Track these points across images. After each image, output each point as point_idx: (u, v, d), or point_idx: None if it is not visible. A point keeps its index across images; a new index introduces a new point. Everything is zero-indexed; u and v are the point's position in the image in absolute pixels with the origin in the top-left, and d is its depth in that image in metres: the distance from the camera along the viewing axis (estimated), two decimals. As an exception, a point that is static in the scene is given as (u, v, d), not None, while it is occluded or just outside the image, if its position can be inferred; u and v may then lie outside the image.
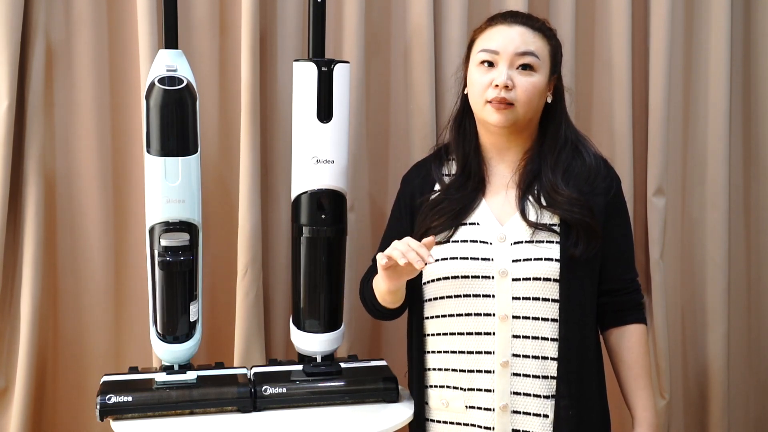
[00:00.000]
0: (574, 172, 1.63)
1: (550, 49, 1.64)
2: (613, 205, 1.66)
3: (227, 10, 1.99)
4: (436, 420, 1.68)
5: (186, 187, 1.69)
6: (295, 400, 1.71)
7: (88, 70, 1.93)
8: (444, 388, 1.66)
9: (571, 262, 1.57)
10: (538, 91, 1.60)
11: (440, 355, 1.66)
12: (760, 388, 2.39)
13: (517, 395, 1.59)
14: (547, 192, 1.61)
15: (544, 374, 1.59)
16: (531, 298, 1.58)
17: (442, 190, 1.68)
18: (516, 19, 1.63)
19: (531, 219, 1.60)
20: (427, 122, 2.04)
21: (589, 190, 1.62)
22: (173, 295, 1.72)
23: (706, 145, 2.26)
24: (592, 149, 1.68)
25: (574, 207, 1.58)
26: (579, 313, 1.59)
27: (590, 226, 1.58)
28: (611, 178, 1.67)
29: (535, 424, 1.59)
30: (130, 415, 1.64)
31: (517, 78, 1.58)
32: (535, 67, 1.60)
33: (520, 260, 1.59)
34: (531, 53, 1.59)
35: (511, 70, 1.59)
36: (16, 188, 1.88)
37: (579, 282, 1.59)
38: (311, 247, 1.78)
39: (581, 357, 1.60)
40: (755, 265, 2.36)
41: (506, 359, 1.59)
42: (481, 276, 1.60)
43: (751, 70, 2.31)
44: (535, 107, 1.62)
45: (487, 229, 1.62)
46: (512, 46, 1.59)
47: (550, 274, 1.58)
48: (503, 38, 1.60)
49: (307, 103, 1.74)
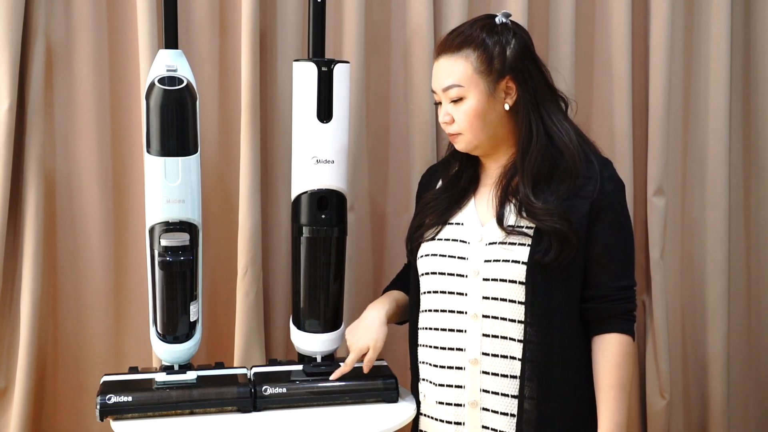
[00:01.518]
0: (552, 177, 1.59)
1: (476, 64, 1.57)
2: (600, 209, 1.59)
3: (227, 10, 1.99)
4: (424, 414, 1.71)
5: (186, 187, 1.69)
6: (295, 400, 1.72)
7: (88, 70, 1.93)
8: (425, 381, 1.69)
9: (539, 266, 1.56)
10: (477, 112, 1.58)
11: (424, 348, 1.69)
12: (760, 388, 2.39)
13: (486, 393, 1.60)
14: (522, 204, 1.59)
15: (512, 374, 1.59)
16: (499, 298, 1.59)
17: (438, 189, 1.72)
18: (440, 50, 1.63)
19: (508, 223, 1.59)
20: (427, 122, 2.05)
21: (569, 193, 1.58)
22: (173, 295, 1.72)
23: (706, 145, 2.26)
24: (582, 147, 1.62)
25: (549, 217, 1.55)
26: (546, 316, 1.57)
27: (565, 235, 1.55)
28: (598, 181, 1.59)
29: (503, 423, 1.60)
30: (130, 415, 1.64)
31: (453, 111, 1.61)
32: (462, 95, 1.59)
33: (491, 261, 1.60)
34: (450, 86, 1.59)
35: (448, 104, 1.61)
36: (16, 188, 1.88)
37: (547, 286, 1.57)
38: (311, 247, 1.78)
39: (547, 359, 1.57)
40: (755, 265, 2.36)
41: (476, 357, 1.60)
42: (456, 274, 1.62)
43: (751, 70, 2.31)
44: (484, 126, 1.60)
45: (469, 229, 1.64)
46: (438, 84, 1.62)
47: (517, 277, 1.57)
48: (435, 76, 1.64)
49: (307, 103, 1.74)
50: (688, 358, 2.33)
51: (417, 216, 1.73)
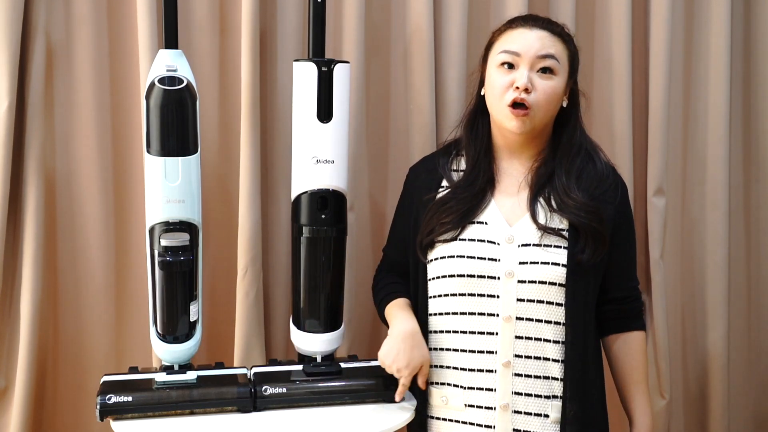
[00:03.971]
0: (586, 178, 1.65)
1: (568, 54, 1.65)
2: (621, 214, 1.67)
3: (227, 10, 1.99)
4: (437, 417, 1.68)
5: (186, 187, 1.69)
6: (295, 400, 1.72)
7: (88, 70, 1.93)
8: (445, 385, 1.66)
9: (578, 267, 1.59)
10: (557, 94, 1.62)
11: (442, 352, 1.67)
12: (760, 388, 2.39)
13: (518, 395, 1.60)
14: (559, 195, 1.62)
15: (545, 375, 1.60)
16: (536, 300, 1.59)
17: (450, 188, 1.69)
18: (536, 23, 1.64)
19: (540, 222, 1.61)
20: (427, 122, 2.04)
21: (599, 197, 1.64)
22: (173, 295, 1.72)
23: (706, 145, 2.26)
24: (603, 157, 1.70)
25: (584, 212, 1.60)
26: (583, 317, 1.61)
27: (599, 232, 1.60)
28: (619, 186, 1.69)
29: (536, 424, 1.60)
30: (130, 415, 1.64)
31: (537, 81, 1.59)
32: (555, 70, 1.61)
33: (527, 263, 1.59)
34: (551, 56, 1.60)
35: (532, 72, 1.60)
36: (16, 188, 1.88)
37: (584, 287, 1.61)
38: (311, 247, 1.78)
39: (585, 359, 1.61)
40: (755, 265, 2.36)
41: (508, 359, 1.60)
42: (487, 276, 1.61)
43: (751, 70, 2.31)
44: (552, 111, 1.63)
45: (496, 229, 1.63)
46: (533, 48, 1.60)
47: (557, 279, 1.58)
48: (524, 40, 1.61)
49: (307, 103, 1.74)
50: (688, 358, 2.33)
51: (431, 217, 1.66)
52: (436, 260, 1.65)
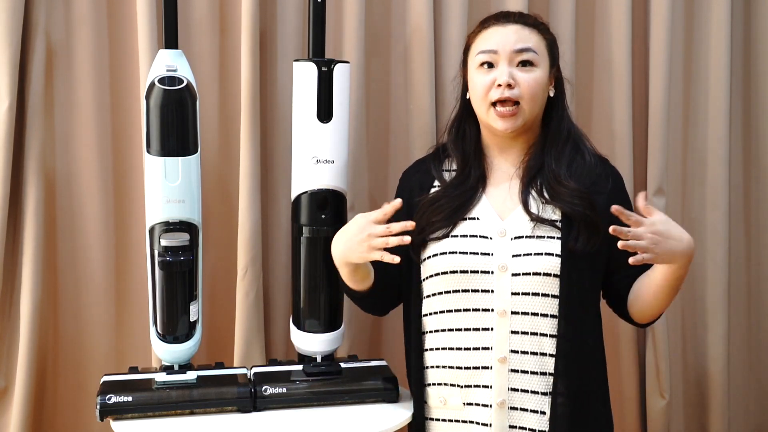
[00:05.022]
0: (576, 168, 1.63)
1: (546, 43, 1.64)
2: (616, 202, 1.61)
3: (227, 10, 1.99)
4: (435, 418, 1.67)
5: (186, 187, 1.69)
6: (295, 400, 1.72)
7: (88, 70, 1.93)
8: (442, 385, 1.65)
9: (572, 257, 1.57)
10: (541, 86, 1.61)
11: (438, 352, 1.65)
12: (760, 389, 2.39)
13: (515, 391, 1.59)
14: (550, 183, 1.61)
15: (542, 371, 1.58)
16: (530, 293, 1.58)
17: (441, 188, 1.67)
18: (509, 18, 1.64)
19: (533, 211, 1.60)
20: (427, 122, 2.04)
21: (590, 188, 1.62)
22: (173, 295, 1.72)
23: (706, 145, 2.26)
24: (590, 147, 1.69)
25: (577, 199, 1.58)
26: (579, 309, 1.59)
27: (591, 220, 1.57)
28: (610, 176, 1.66)
29: (533, 421, 1.59)
30: (130, 415, 1.64)
31: (518, 75, 1.59)
32: (535, 62, 1.60)
33: (520, 255, 1.58)
34: (529, 49, 1.60)
35: (512, 67, 1.59)
36: (16, 188, 1.88)
37: (579, 278, 1.58)
38: (311, 247, 1.78)
39: (580, 354, 1.59)
40: (755, 265, 2.36)
41: (504, 355, 1.59)
42: (481, 271, 1.59)
43: (751, 70, 2.31)
44: (539, 103, 1.62)
45: (488, 223, 1.62)
46: (509, 43, 1.60)
47: (551, 269, 1.57)
48: (500, 37, 1.61)
49: (307, 103, 1.74)
50: (688, 358, 2.33)
51: (421, 216, 1.63)
52: (429, 258, 1.63)
